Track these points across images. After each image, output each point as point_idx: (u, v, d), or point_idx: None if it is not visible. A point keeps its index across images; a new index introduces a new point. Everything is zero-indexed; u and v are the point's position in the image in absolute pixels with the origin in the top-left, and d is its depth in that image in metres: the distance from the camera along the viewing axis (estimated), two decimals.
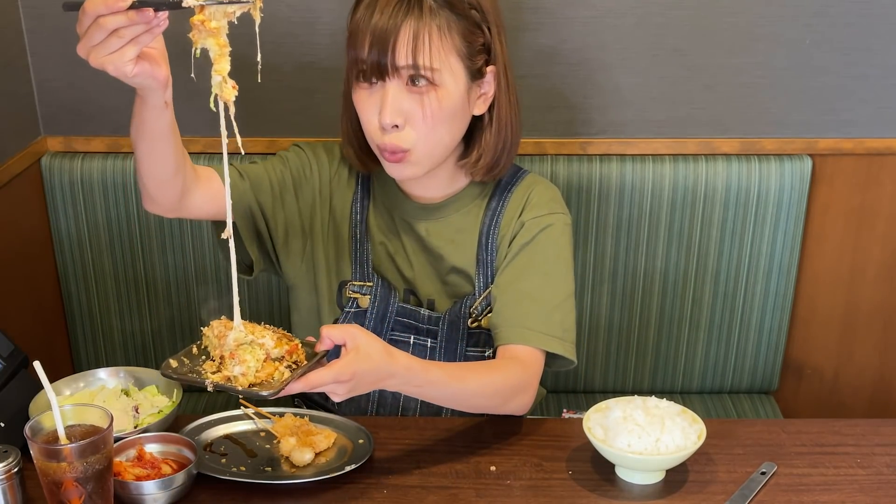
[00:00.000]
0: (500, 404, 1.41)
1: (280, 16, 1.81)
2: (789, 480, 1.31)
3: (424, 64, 1.34)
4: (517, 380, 1.40)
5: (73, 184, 1.88)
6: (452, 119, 1.40)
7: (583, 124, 1.89)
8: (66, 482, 1.12)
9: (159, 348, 2.00)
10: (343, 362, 1.19)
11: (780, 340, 1.98)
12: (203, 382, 1.15)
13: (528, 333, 1.43)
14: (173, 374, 1.19)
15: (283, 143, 1.90)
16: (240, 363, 1.16)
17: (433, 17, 1.34)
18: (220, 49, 1.15)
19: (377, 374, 1.23)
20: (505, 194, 1.53)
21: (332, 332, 1.22)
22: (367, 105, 1.39)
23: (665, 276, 1.93)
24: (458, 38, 1.36)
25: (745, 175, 1.85)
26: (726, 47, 1.83)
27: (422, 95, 1.36)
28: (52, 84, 1.88)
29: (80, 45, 1.10)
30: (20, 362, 1.38)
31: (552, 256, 1.49)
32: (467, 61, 1.38)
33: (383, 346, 1.24)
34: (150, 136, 1.26)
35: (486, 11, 1.40)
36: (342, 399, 1.22)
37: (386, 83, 1.36)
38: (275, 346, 1.19)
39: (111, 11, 1.06)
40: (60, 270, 1.95)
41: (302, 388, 1.19)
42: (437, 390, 1.32)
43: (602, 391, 2.03)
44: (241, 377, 1.16)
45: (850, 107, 1.88)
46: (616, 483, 1.31)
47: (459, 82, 1.38)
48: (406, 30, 1.33)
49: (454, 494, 1.28)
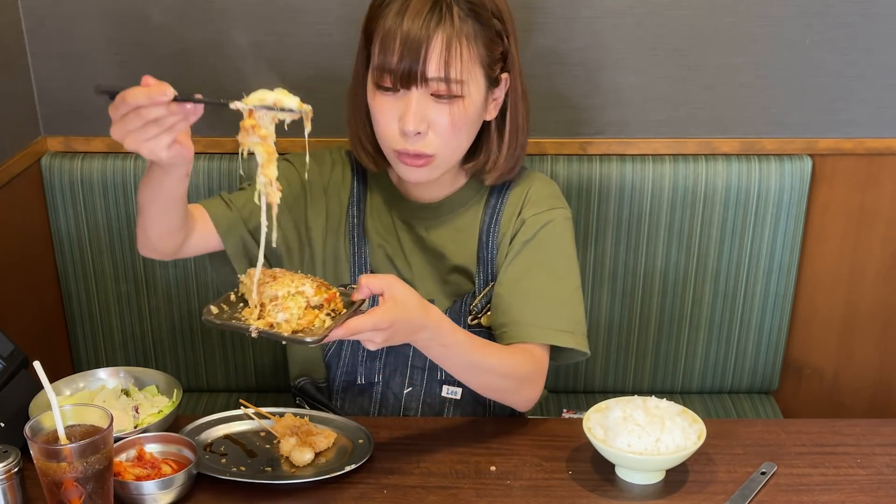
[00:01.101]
0: (512, 388, 1.42)
1: (280, 15, 1.81)
2: (789, 480, 1.31)
3: (455, 77, 1.34)
4: (528, 370, 1.42)
5: (73, 184, 1.88)
6: (473, 126, 1.42)
7: (583, 124, 1.89)
8: (66, 482, 1.12)
9: (159, 348, 2.00)
10: (382, 310, 1.21)
11: (780, 340, 1.98)
12: (247, 329, 1.16)
13: (538, 331, 1.43)
14: (215, 321, 1.18)
15: (282, 143, 1.89)
16: (283, 310, 1.17)
17: (463, 27, 1.34)
18: (269, 156, 1.18)
19: (412, 325, 1.25)
20: (504, 191, 1.53)
21: (371, 280, 1.24)
22: (387, 110, 1.38)
23: (665, 276, 1.93)
24: (482, 49, 1.37)
25: (745, 175, 1.85)
26: (726, 47, 1.83)
27: (448, 105, 1.36)
28: (52, 84, 1.88)
29: (116, 129, 1.14)
30: (20, 362, 1.38)
31: (556, 252, 1.49)
32: (487, 69, 1.39)
33: (419, 299, 1.26)
34: (164, 202, 1.30)
35: (506, 20, 1.41)
36: (377, 347, 1.24)
37: (411, 91, 1.35)
38: (314, 294, 1.19)
39: (153, 104, 1.10)
40: (60, 270, 1.95)
41: (342, 335, 1.19)
42: (460, 355, 1.34)
43: (602, 391, 2.03)
44: (284, 324, 1.17)
45: (850, 107, 1.88)
46: (616, 483, 1.31)
47: (481, 91, 1.39)
48: (438, 40, 1.33)
49: (454, 494, 1.28)
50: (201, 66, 1.86)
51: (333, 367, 1.55)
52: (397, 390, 1.53)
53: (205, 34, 1.83)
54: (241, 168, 1.18)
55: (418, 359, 1.51)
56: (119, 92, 1.12)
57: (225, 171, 1.87)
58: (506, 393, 1.43)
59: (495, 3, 1.39)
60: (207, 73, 1.86)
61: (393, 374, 1.53)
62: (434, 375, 1.52)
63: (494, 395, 1.46)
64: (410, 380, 1.52)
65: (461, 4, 1.35)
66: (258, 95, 1.14)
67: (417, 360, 1.51)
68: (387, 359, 1.52)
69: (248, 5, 1.81)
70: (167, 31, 1.84)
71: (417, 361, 1.52)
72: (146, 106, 1.10)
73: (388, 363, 1.52)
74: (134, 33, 1.83)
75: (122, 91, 1.11)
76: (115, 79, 1.87)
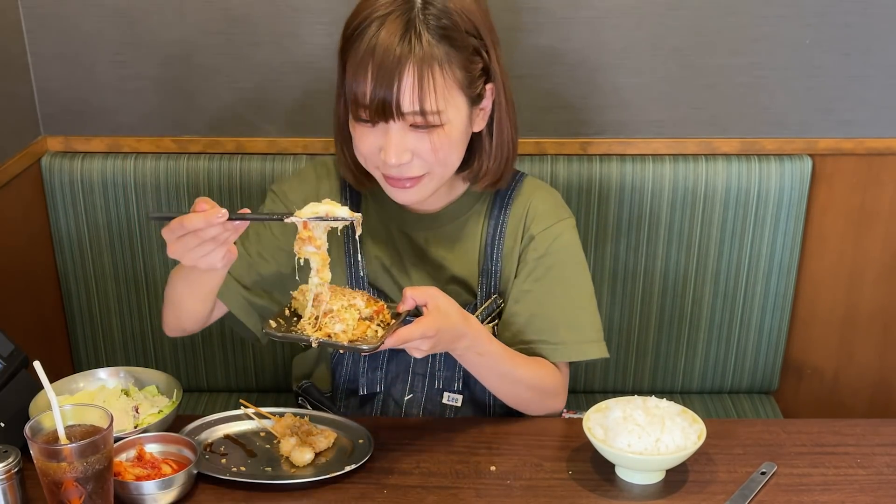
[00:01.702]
0: (536, 399, 1.47)
1: (280, 15, 1.82)
2: (789, 480, 1.31)
3: (431, 109, 1.30)
4: (553, 383, 1.47)
5: (73, 184, 1.88)
6: (460, 145, 1.39)
7: (583, 124, 1.89)
8: (66, 482, 1.12)
9: (159, 348, 2.00)
10: (428, 320, 1.27)
11: (780, 340, 1.98)
12: (308, 339, 1.23)
13: (564, 349, 1.48)
14: (276, 333, 1.25)
15: (282, 142, 1.90)
16: (340, 321, 1.24)
17: (434, 56, 1.29)
18: (323, 262, 1.26)
19: (454, 333, 1.31)
20: (506, 201, 1.51)
21: (416, 293, 1.29)
22: (368, 142, 1.36)
23: (665, 276, 1.93)
24: (458, 71, 1.33)
25: (745, 175, 1.85)
26: (726, 47, 1.83)
27: (428, 134, 1.33)
28: (52, 84, 1.88)
29: (173, 249, 1.23)
30: (20, 362, 1.38)
31: (570, 264, 1.50)
32: (468, 90, 1.35)
33: (459, 309, 1.33)
34: (203, 294, 1.39)
35: (483, 34, 1.36)
36: (423, 355, 1.30)
37: (389, 124, 1.32)
38: (365, 307, 1.27)
39: (210, 226, 1.19)
40: (60, 270, 1.95)
41: (393, 344, 1.25)
42: (493, 364, 1.40)
43: (602, 391, 2.03)
44: (341, 334, 1.24)
45: (850, 107, 1.88)
46: (616, 483, 1.31)
47: (463, 112, 1.36)
48: (410, 73, 1.28)
49: (454, 494, 1.28)
50: (201, 67, 1.86)
51: (336, 375, 1.55)
52: (398, 397, 1.53)
53: (205, 34, 1.83)
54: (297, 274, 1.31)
55: (419, 366, 1.51)
56: (172, 218, 1.21)
57: (225, 171, 1.87)
58: (530, 403, 1.48)
59: (469, 19, 1.33)
60: (208, 72, 1.87)
61: (394, 381, 1.52)
62: (434, 382, 1.51)
63: (519, 405, 1.49)
64: (411, 387, 1.52)
65: (432, 30, 1.30)
66: (310, 209, 1.23)
67: (418, 366, 1.51)
68: (388, 366, 1.51)
69: (249, 5, 1.81)
70: (167, 32, 1.84)
71: (418, 368, 1.51)
72: (203, 228, 1.18)
73: (390, 370, 1.52)
74: (134, 33, 1.83)
75: (177, 217, 1.20)
76: (115, 78, 1.87)
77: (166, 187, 1.87)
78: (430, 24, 1.30)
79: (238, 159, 1.88)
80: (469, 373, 1.50)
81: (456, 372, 1.50)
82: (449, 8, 1.32)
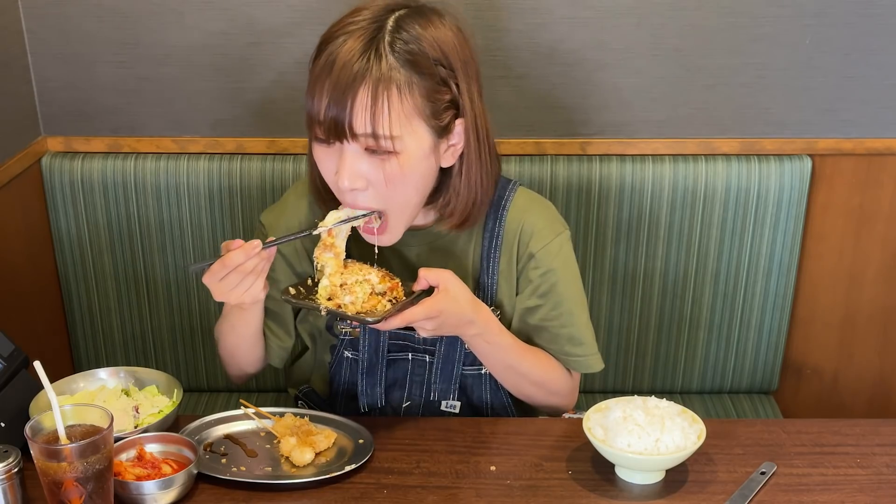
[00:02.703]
0: (541, 396, 1.51)
1: (280, 15, 1.82)
2: (789, 480, 1.31)
3: (384, 133, 1.25)
4: (561, 386, 1.51)
5: (73, 184, 1.88)
6: (417, 179, 1.33)
7: (582, 124, 1.89)
8: (67, 482, 1.12)
9: (159, 348, 2.00)
10: (433, 300, 1.31)
11: (780, 340, 1.98)
12: (318, 307, 1.31)
13: (577, 362, 1.51)
14: (291, 299, 1.35)
15: (282, 142, 1.90)
16: (350, 293, 1.31)
17: (392, 79, 1.25)
18: (337, 268, 1.34)
19: (461, 318, 1.34)
20: (500, 213, 1.47)
21: (429, 274, 1.33)
22: (325, 161, 1.32)
23: (665, 276, 1.93)
24: (420, 99, 1.27)
25: (745, 175, 1.85)
26: (726, 47, 1.83)
27: (382, 161, 1.28)
28: (52, 84, 1.88)
29: (218, 292, 1.30)
30: (20, 362, 1.38)
31: (571, 279, 1.51)
32: (432, 121, 1.29)
33: (471, 296, 1.37)
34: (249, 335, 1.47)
35: (454, 65, 1.31)
36: (428, 335, 1.36)
37: (344, 145, 1.28)
38: (379, 282, 1.33)
39: (249, 258, 1.26)
40: (60, 270, 1.95)
41: (399, 323, 1.29)
42: (502, 354, 1.44)
43: (602, 391, 2.03)
44: (350, 305, 1.31)
45: (850, 107, 1.88)
46: (616, 483, 1.31)
47: (423, 143, 1.30)
48: (364, 95, 1.24)
49: (454, 494, 1.28)
50: (202, 67, 1.86)
51: (335, 384, 1.55)
52: (396, 404, 1.53)
53: (205, 34, 1.83)
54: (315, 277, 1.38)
55: (417, 373, 1.51)
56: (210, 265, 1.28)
57: (225, 170, 1.87)
58: (534, 396, 1.51)
59: (440, 48, 1.29)
60: (208, 72, 1.87)
61: (392, 388, 1.52)
62: (432, 389, 1.51)
63: (525, 398, 1.52)
64: (409, 394, 1.52)
65: (397, 53, 1.26)
66: (332, 216, 1.33)
67: (416, 374, 1.51)
68: (386, 372, 1.51)
69: (249, 5, 1.81)
70: (167, 32, 1.84)
71: (416, 376, 1.51)
72: (243, 263, 1.26)
73: (388, 378, 1.52)
74: (134, 33, 1.84)
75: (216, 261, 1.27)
76: (115, 78, 1.87)
77: (166, 187, 1.87)
78: (396, 48, 1.26)
79: (238, 159, 1.88)
80: (466, 380, 1.51)
81: (452, 384, 1.51)
82: (421, 35, 1.28)
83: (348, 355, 1.50)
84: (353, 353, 1.50)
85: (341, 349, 1.51)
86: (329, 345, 1.53)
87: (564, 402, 1.54)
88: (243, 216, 1.89)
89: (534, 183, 1.84)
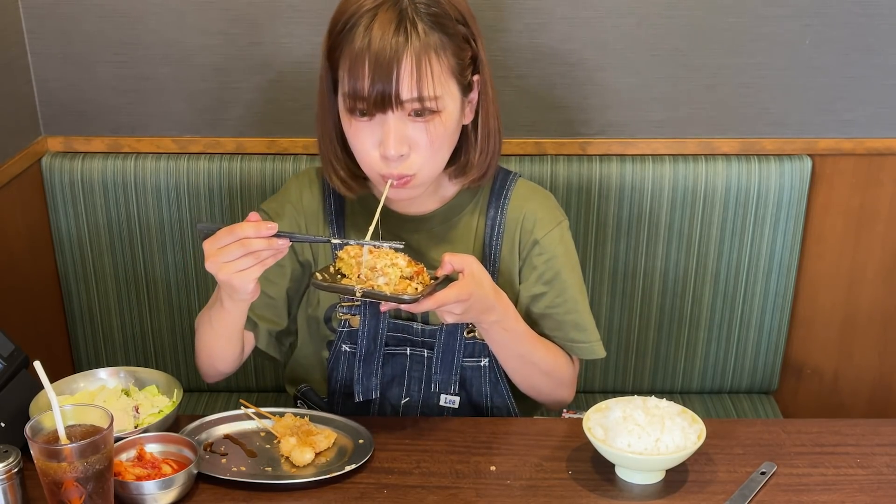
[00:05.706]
0: (550, 386, 1.52)
1: (280, 15, 1.82)
2: (789, 480, 1.31)
3: (429, 94, 1.31)
4: (567, 374, 1.53)
5: (73, 184, 1.88)
6: (453, 137, 1.39)
7: (582, 124, 1.89)
8: (67, 482, 1.12)
9: (159, 348, 2.00)
10: (462, 283, 1.31)
11: (780, 340, 1.98)
12: (353, 289, 1.29)
13: (583, 347, 1.53)
14: (323, 283, 1.31)
15: (282, 142, 1.90)
16: (383, 275, 1.31)
17: (430, 41, 1.30)
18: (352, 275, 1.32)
19: (485, 303, 1.35)
20: (502, 201, 1.50)
21: (453, 258, 1.33)
22: (364, 137, 1.35)
23: (665, 276, 1.93)
24: (452, 58, 1.34)
25: (744, 175, 1.85)
26: (726, 47, 1.83)
27: (425, 123, 1.33)
28: (52, 84, 1.88)
29: (212, 261, 1.26)
30: (20, 362, 1.38)
31: (573, 266, 1.53)
32: (460, 77, 1.36)
33: (491, 282, 1.38)
34: (227, 333, 1.44)
35: (470, 23, 1.37)
36: (455, 320, 1.33)
37: (387, 115, 1.32)
38: (406, 266, 1.33)
39: (258, 236, 1.23)
40: (60, 270, 1.95)
41: (430, 306, 1.28)
42: (516, 343, 1.45)
43: (602, 391, 2.03)
44: (384, 286, 1.29)
45: (850, 107, 1.88)
46: (616, 483, 1.31)
47: (456, 100, 1.36)
48: (407, 60, 1.29)
49: (454, 494, 1.28)
50: (202, 67, 1.86)
51: (332, 381, 1.55)
52: (395, 401, 1.53)
53: (205, 34, 1.83)
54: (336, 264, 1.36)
55: (415, 369, 1.51)
56: (216, 229, 1.25)
57: (225, 170, 1.87)
58: (542, 388, 1.52)
59: (457, 8, 1.35)
60: (208, 72, 1.87)
61: (390, 384, 1.52)
62: (431, 385, 1.51)
63: (531, 390, 1.52)
64: (408, 390, 1.52)
65: (424, 18, 1.31)
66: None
67: (414, 370, 1.51)
68: (384, 369, 1.51)
69: (249, 5, 1.81)
70: (167, 32, 1.84)
71: (414, 371, 1.51)
72: (251, 238, 1.22)
73: (386, 373, 1.52)
74: (134, 33, 1.84)
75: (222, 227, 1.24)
76: (115, 78, 1.87)
77: (166, 187, 1.87)
78: (421, 13, 1.31)
79: (238, 159, 1.88)
80: (465, 372, 1.51)
81: (452, 375, 1.50)
82: None
83: (346, 349, 1.50)
84: (351, 346, 1.50)
85: (339, 343, 1.51)
86: (326, 340, 1.53)
87: (567, 394, 1.54)
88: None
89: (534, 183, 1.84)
